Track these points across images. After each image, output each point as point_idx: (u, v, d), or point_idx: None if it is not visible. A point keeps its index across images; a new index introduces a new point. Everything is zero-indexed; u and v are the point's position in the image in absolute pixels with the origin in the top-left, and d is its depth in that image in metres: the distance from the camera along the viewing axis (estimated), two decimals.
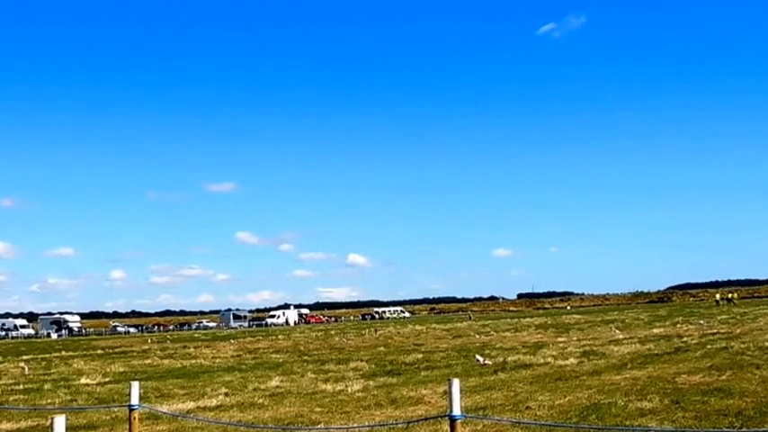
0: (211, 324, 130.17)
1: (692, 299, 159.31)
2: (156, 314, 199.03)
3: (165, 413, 12.85)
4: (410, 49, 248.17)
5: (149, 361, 31.93)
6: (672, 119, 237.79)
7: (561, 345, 28.59)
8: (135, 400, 8.01)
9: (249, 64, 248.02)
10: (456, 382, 6.33)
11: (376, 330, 59.29)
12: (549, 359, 21.91)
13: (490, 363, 21.49)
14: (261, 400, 15.73)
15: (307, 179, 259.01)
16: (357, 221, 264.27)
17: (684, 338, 28.30)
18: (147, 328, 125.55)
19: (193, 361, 30.65)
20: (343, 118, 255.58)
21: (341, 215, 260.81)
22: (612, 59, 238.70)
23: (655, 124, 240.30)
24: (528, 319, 69.72)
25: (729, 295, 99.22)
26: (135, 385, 8.16)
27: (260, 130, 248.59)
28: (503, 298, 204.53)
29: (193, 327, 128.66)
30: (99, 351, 44.99)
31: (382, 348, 33.33)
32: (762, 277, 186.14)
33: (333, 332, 62.56)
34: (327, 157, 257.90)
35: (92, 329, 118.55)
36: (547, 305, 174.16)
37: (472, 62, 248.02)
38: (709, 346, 23.41)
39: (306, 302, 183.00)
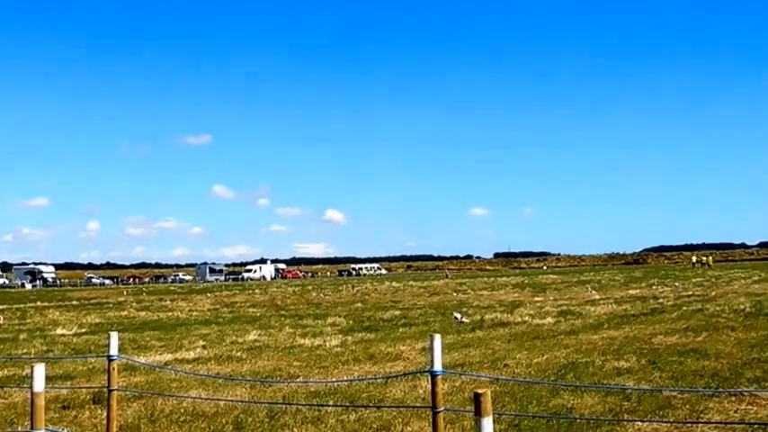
0: (187, 277, 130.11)
1: (666, 261, 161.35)
2: (132, 266, 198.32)
3: (143, 364, 12.79)
4: None
5: (125, 313, 31.84)
6: (646, 79, 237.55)
7: (538, 304, 28.80)
8: (114, 350, 7.91)
9: (225, 13, 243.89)
10: (437, 338, 6.26)
11: (353, 287, 59.50)
12: (527, 318, 22.04)
13: (468, 321, 21.58)
14: (239, 354, 15.71)
15: (285, 133, 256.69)
16: (335, 177, 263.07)
17: (660, 300, 28.59)
18: (122, 280, 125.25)
19: (170, 314, 30.60)
20: (323, 70, 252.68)
21: (318, 170, 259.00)
22: (586, 17, 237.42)
23: (629, 85, 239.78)
24: (504, 279, 70.21)
25: (704, 258, 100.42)
26: (114, 336, 8.06)
27: (238, 82, 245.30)
28: (479, 257, 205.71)
29: (169, 280, 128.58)
30: (74, 302, 44.86)
31: (359, 304, 33.43)
32: (736, 241, 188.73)
33: (310, 288, 62.71)
34: (306, 110, 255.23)
35: (66, 280, 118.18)
36: (523, 265, 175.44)
37: (453, 13, 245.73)
38: (684, 308, 23.65)
39: (282, 258, 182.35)
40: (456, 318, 22.04)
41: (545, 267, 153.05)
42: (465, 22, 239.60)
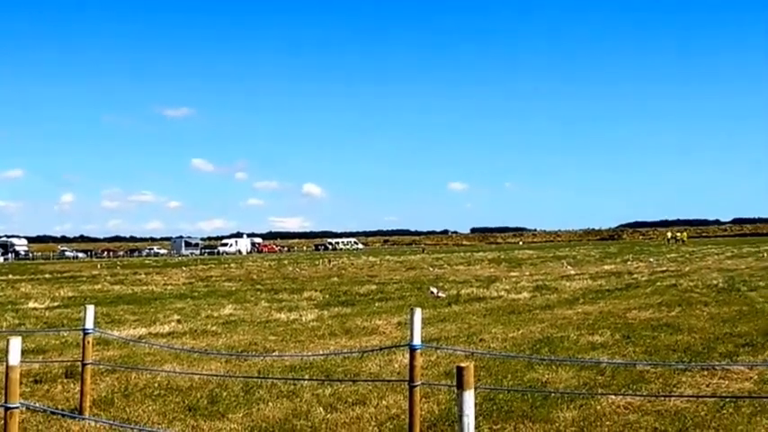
0: (162, 251, 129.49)
1: (641, 237, 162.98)
2: (106, 239, 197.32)
3: (117, 338, 12.67)
4: None
5: (99, 286, 31.58)
6: (627, 55, 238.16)
7: (514, 279, 28.92)
8: (90, 324, 7.81)
9: None
10: (417, 312, 6.24)
11: (329, 261, 59.45)
12: (503, 293, 22.12)
13: (444, 295, 21.62)
14: (214, 328, 15.63)
15: (265, 107, 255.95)
16: (313, 151, 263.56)
17: (635, 275, 28.82)
18: (96, 254, 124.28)
19: (144, 287, 30.39)
20: (302, 45, 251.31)
21: (297, 145, 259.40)
22: None
23: (608, 61, 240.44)
24: (481, 254, 70.50)
25: (679, 234, 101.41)
26: (90, 309, 7.96)
27: (218, 55, 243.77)
28: (455, 232, 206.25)
29: (144, 253, 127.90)
30: (47, 275, 44.43)
31: (336, 279, 33.40)
32: (710, 217, 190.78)
33: (286, 262, 62.59)
34: (286, 85, 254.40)
35: (39, 253, 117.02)
36: (500, 240, 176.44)
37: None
38: (658, 284, 23.85)
39: (258, 231, 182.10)
40: (432, 292, 22.08)
41: (521, 243, 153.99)
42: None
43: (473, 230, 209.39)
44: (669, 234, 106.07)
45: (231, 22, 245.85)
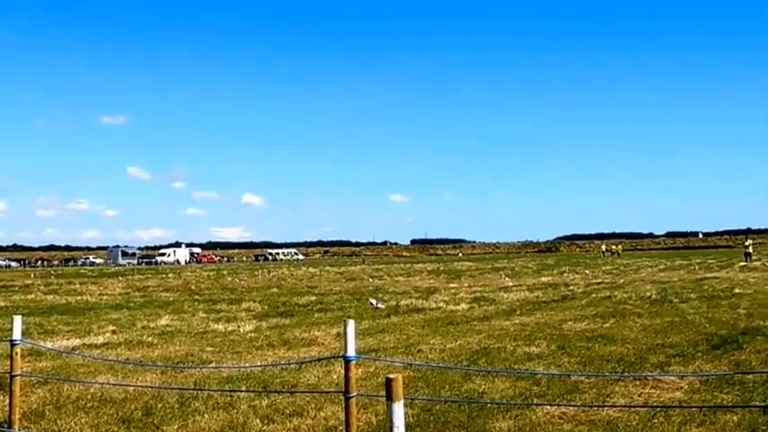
0: (98, 261, 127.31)
1: (578, 249, 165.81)
2: (40, 248, 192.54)
3: (49, 349, 12.39)
4: None
5: (32, 296, 30.84)
6: (565, 67, 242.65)
7: (453, 290, 29.12)
8: (17, 334, 7.63)
9: None
10: (351, 323, 6.26)
11: (269, 272, 59.09)
12: (441, 304, 22.25)
13: (383, 306, 21.66)
14: (150, 339, 15.39)
15: (204, 116, 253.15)
16: (252, 161, 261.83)
17: (571, 287, 29.27)
18: (29, 263, 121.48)
19: (79, 297, 29.77)
20: (240, 52, 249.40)
21: (236, 154, 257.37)
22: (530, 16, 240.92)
23: (549, 74, 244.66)
24: (420, 265, 70.82)
25: (614, 247, 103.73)
26: (17, 319, 7.77)
27: (156, 63, 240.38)
28: (395, 243, 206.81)
29: (79, 263, 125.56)
30: None
31: (275, 290, 33.21)
32: (644, 231, 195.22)
33: (225, 272, 61.97)
34: (225, 93, 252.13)
35: None
36: (439, 252, 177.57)
37: (380, 7, 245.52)
38: (594, 295, 24.28)
39: (198, 241, 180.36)
40: (372, 303, 22.11)
41: (460, 254, 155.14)
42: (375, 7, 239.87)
43: (413, 242, 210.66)
44: (604, 247, 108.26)
45: (169, 29, 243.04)
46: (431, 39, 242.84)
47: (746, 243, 60.90)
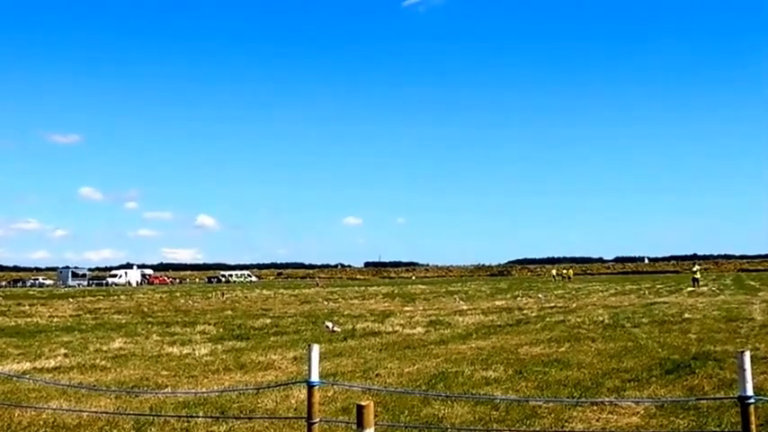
0: (48, 282, 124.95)
1: (529, 273, 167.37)
2: None
3: None
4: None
5: None
6: (521, 96, 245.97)
7: (408, 314, 29.14)
8: None
9: (100, 6, 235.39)
10: (316, 348, 6.24)
11: (223, 294, 58.53)
12: (398, 327, 22.24)
13: (339, 330, 21.58)
14: (103, 362, 15.11)
15: (157, 136, 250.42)
16: (206, 182, 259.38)
17: (525, 311, 29.48)
18: None
19: (28, 319, 29.14)
20: (194, 69, 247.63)
21: (189, 175, 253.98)
22: (472, 34, 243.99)
23: (502, 101, 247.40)
24: (375, 288, 70.80)
25: (564, 271, 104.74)
26: None
27: (109, 81, 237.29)
28: (349, 266, 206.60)
29: (28, 284, 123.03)
30: None
31: (230, 312, 32.90)
32: (594, 255, 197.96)
33: (178, 294, 61.23)
34: (179, 114, 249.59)
35: None
36: (393, 275, 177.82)
37: (334, 30, 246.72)
38: (548, 319, 24.47)
39: (149, 263, 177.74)
40: (327, 327, 22.01)
41: (414, 278, 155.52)
42: (343, 34, 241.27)
43: (367, 264, 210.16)
44: (554, 271, 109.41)
45: (122, 46, 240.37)
46: (383, 61, 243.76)
47: (694, 269, 62.31)
